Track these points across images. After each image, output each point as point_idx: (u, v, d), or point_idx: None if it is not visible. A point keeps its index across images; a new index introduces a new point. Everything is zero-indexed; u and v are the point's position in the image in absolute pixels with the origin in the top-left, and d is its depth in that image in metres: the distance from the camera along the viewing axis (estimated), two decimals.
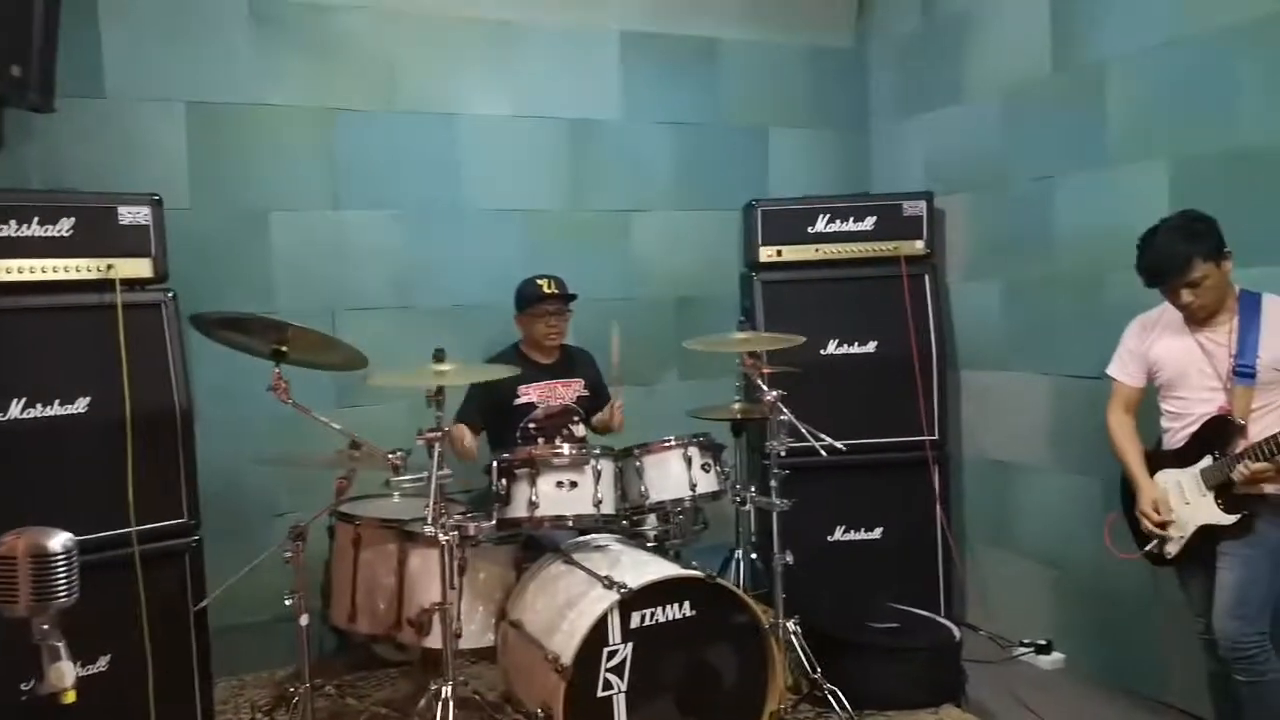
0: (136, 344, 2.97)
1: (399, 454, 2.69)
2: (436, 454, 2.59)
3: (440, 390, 2.67)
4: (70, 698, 1.59)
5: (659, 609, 2.68)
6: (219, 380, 3.49)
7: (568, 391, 3.63)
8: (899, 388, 4.14)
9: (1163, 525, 2.73)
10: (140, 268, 3.06)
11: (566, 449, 2.93)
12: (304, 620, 2.80)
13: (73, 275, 2.94)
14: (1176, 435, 2.78)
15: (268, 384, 2.74)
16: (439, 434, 2.63)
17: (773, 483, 3.11)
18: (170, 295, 3.11)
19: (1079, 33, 3.63)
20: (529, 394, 3.55)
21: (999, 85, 4.01)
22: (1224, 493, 2.63)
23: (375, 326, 3.84)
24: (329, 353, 2.91)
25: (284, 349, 2.75)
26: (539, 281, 3.60)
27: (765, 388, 3.06)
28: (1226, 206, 2.71)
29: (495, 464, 2.89)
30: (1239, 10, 3.04)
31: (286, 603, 2.77)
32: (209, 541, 3.16)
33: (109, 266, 2.98)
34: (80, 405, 2.93)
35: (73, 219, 2.95)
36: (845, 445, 3.02)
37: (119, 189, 3.15)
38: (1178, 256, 2.59)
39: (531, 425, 3.51)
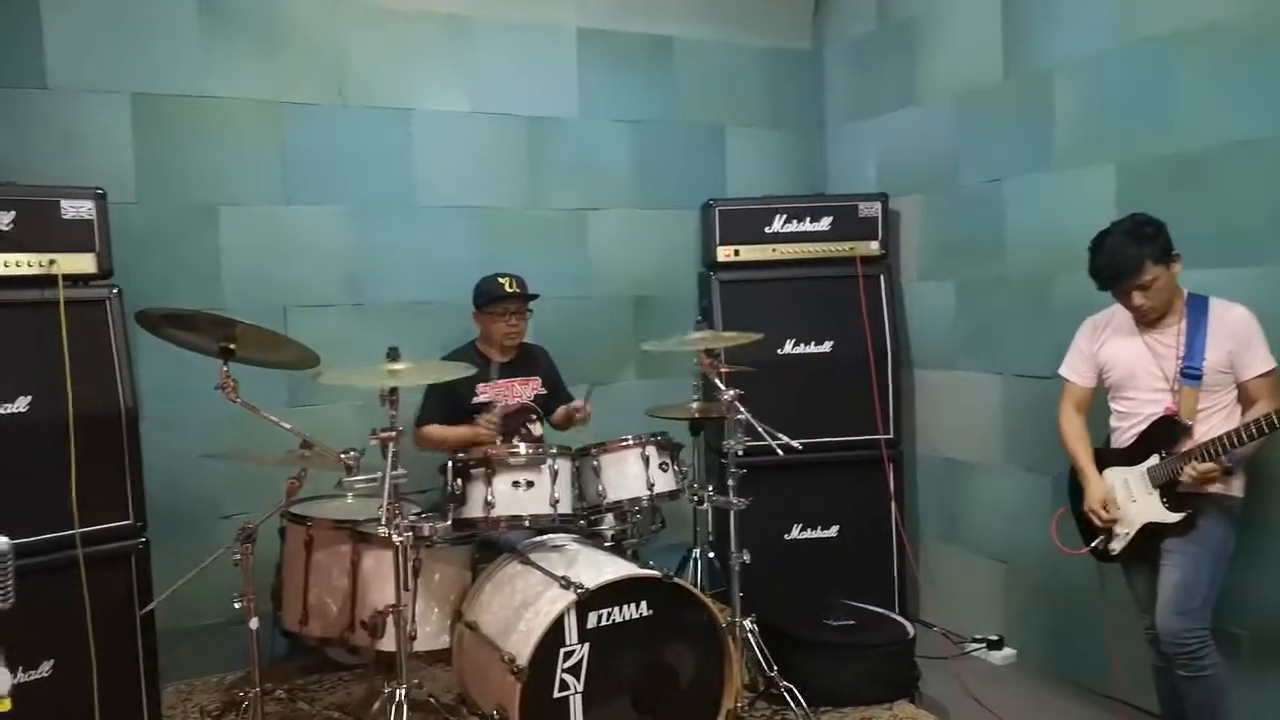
0: (80, 341, 2.89)
1: (352, 454, 2.64)
2: (391, 454, 2.56)
3: (394, 390, 2.63)
4: (5, 706, 1.53)
5: (616, 609, 2.67)
6: (166, 378, 3.42)
7: (525, 390, 3.60)
8: (855, 387, 4.18)
9: (1110, 522, 2.79)
10: (83, 263, 2.98)
11: (523, 448, 2.91)
12: (254, 624, 2.74)
13: (13, 270, 2.86)
14: (1125, 434, 2.83)
15: (216, 382, 2.69)
16: (393, 434, 2.59)
17: (730, 482, 3.12)
18: (115, 291, 3.03)
19: (1028, 40, 3.69)
20: (487, 393, 3.52)
21: (951, 89, 4.07)
22: (1169, 491, 2.69)
23: (328, 324, 3.78)
24: (279, 351, 2.86)
25: (232, 347, 2.69)
26: (500, 280, 3.56)
27: (723, 387, 3.07)
28: (1170, 209, 2.76)
29: (450, 464, 2.87)
30: (1179, 19, 3.12)
31: (236, 606, 2.71)
32: (155, 543, 3.08)
33: (51, 262, 2.90)
34: (21, 404, 2.84)
35: (13, 213, 2.86)
36: (802, 444, 3.03)
37: (61, 182, 3.07)
38: (1129, 260, 2.63)
39: None
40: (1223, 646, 2.71)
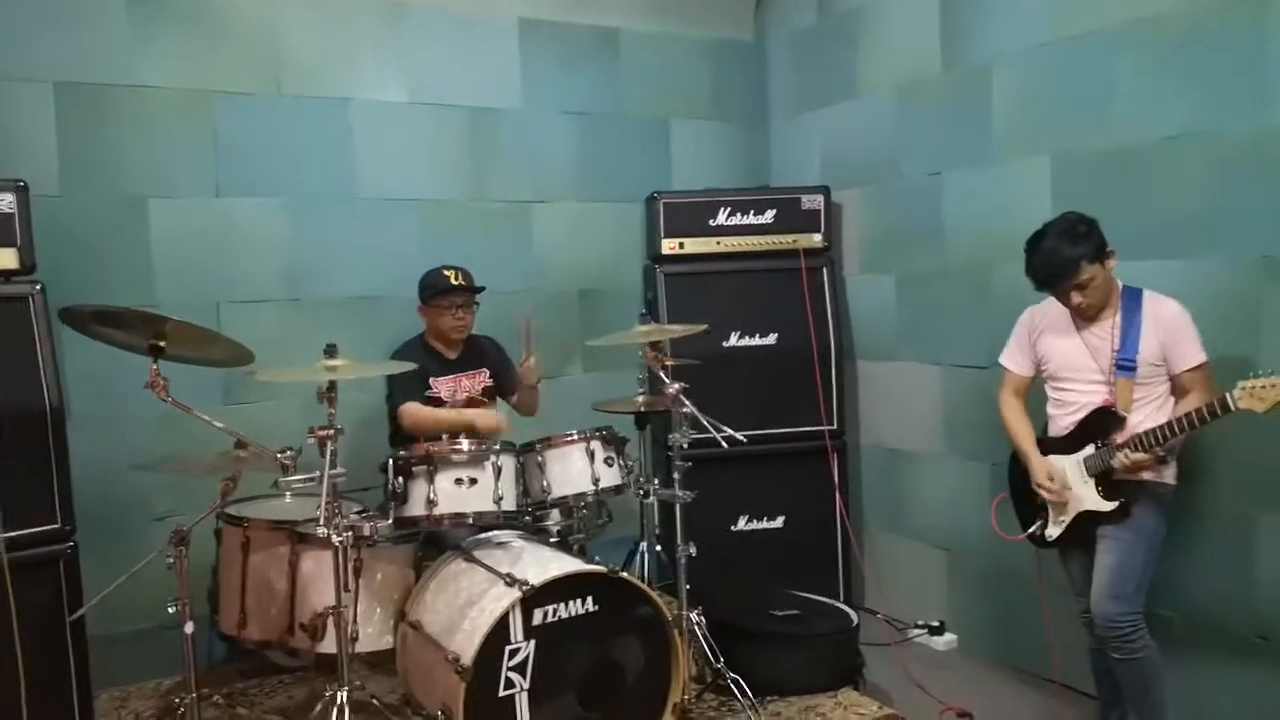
0: (2, 339, 2.80)
1: (289, 453, 2.58)
2: (329, 452, 2.51)
3: (332, 386, 2.58)
4: None
5: (562, 605, 2.65)
6: (94, 377, 3.31)
7: (473, 384, 3.55)
8: (799, 379, 4.21)
9: (1058, 494, 2.83)
10: (5, 258, 2.87)
11: (465, 444, 2.86)
12: (189, 628, 2.66)
13: None
14: (1061, 423, 2.89)
15: (145, 381, 2.60)
16: (331, 432, 2.54)
17: (676, 475, 3.12)
18: (38, 287, 2.92)
19: (966, 33, 3.74)
20: (438, 388, 3.46)
21: (892, 82, 4.11)
22: (1104, 480, 2.75)
23: (264, 320, 3.69)
24: (211, 348, 2.78)
25: (161, 344, 2.60)
26: (445, 272, 3.50)
27: (668, 380, 3.06)
28: (1105, 202, 2.83)
29: (391, 461, 2.82)
30: (1113, 13, 3.18)
31: (170, 610, 2.64)
32: (85, 547, 2.98)
33: None
34: None
35: None
36: (747, 436, 3.04)
37: None
38: (1065, 261, 2.68)
39: None
40: (1154, 629, 2.78)
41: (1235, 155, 2.89)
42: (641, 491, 3.17)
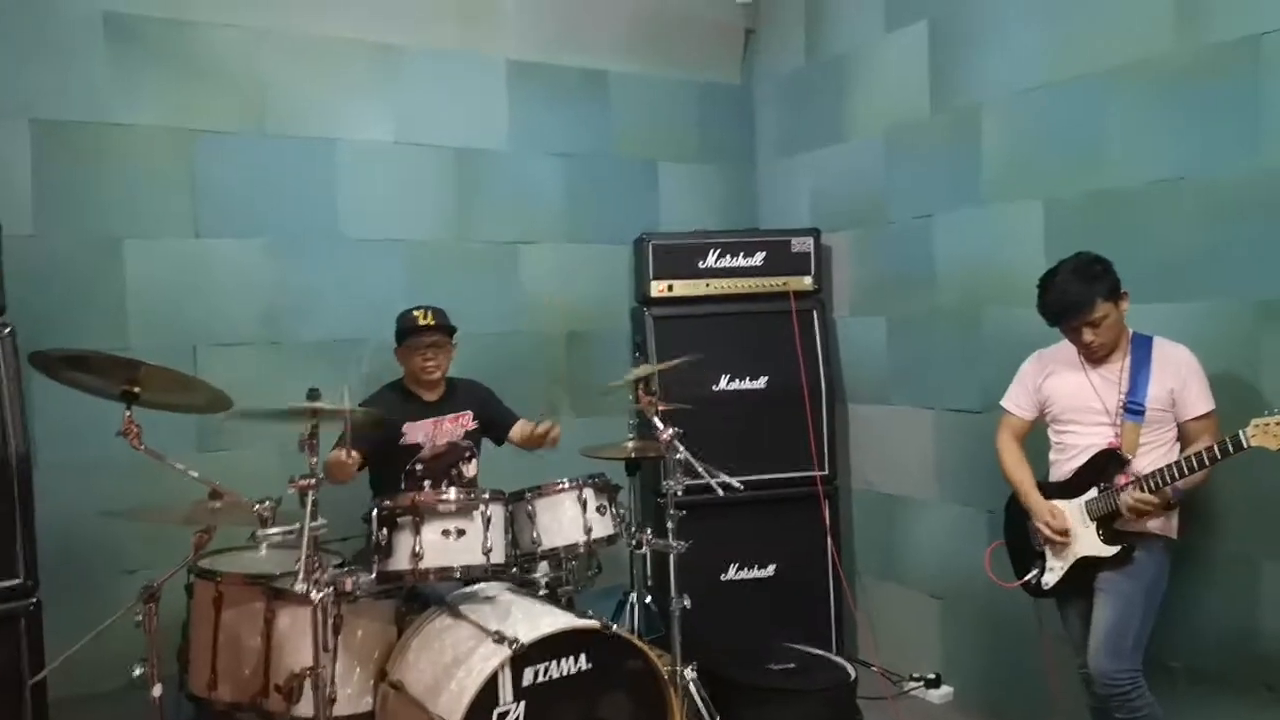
0: None
1: (267, 504, 2.46)
2: (310, 503, 2.39)
3: (315, 432, 2.47)
4: None
5: (553, 663, 2.54)
6: (64, 423, 3.18)
7: (455, 427, 3.44)
8: (790, 423, 4.14)
9: (1060, 532, 2.76)
10: None
11: (453, 494, 2.76)
12: (157, 691, 2.53)
13: None
14: (1063, 468, 2.83)
15: (118, 428, 2.49)
16: (313, 481, 2.43)
17: (669, 524, 3.02)
18: (7, 330, 2.81)
19: (955, 76, 3.74)
20: (414, 433, 3.35)
21: (880, 125, 4.10)
22: (1106, 525, 2.69)
23: (243, 363, 3.58)
24: (187, 393, 2.67)
25: (136, 390, 2.50)
26: (414, 313, 3.40)
27: (660, 425, 2.98)
28: (1098, 245, 2.79)
29: (376, 511, 2.71)
30: (1104, 58, 3.18)
31: (136, 673, 2.49)
32: (50, 603, 2.84)
33: None
34: None
35: None
36: (740, 482, 2.96)
37: None
38: (1080, 297, 2.65)
39: (418, 467, 3.31)
40: (1159, 680, 2.71)
41: (1228, 199, 2.88)
42: (634, 541, 3.07)
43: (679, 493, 3.02)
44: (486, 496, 2.77)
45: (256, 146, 3.68)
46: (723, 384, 4.15)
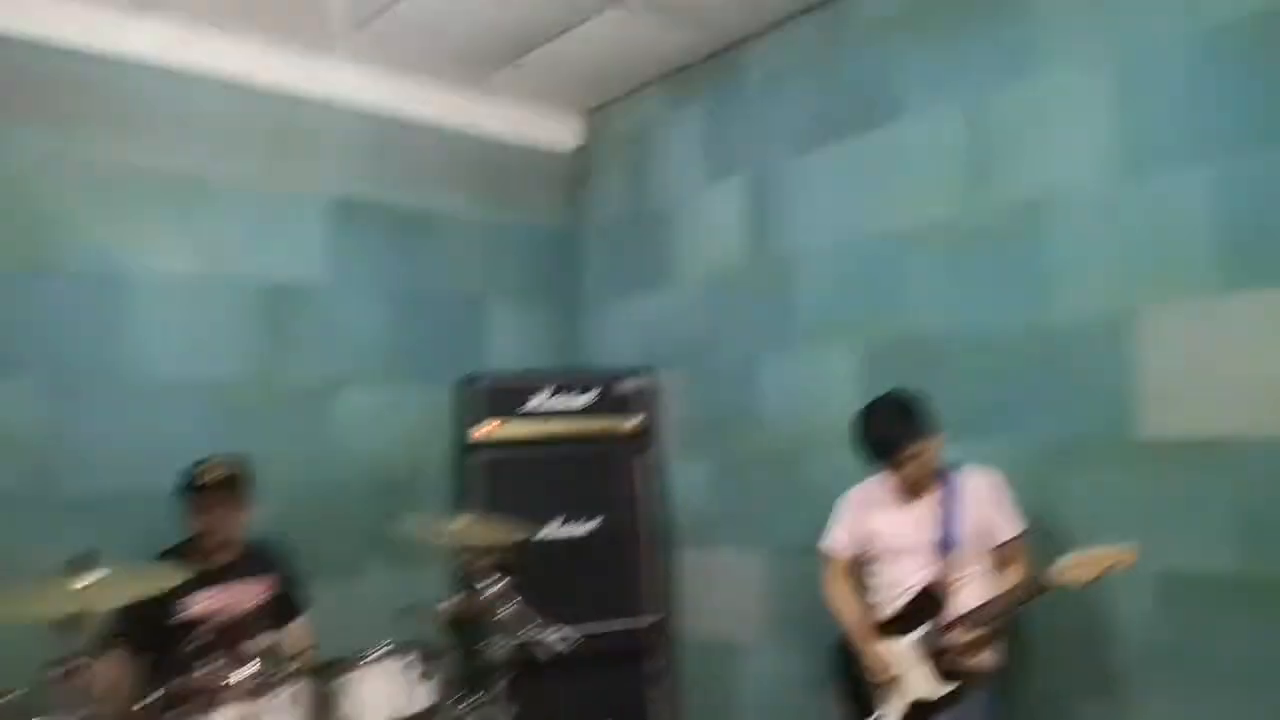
0: None
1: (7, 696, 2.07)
2: (70, 696, 2.04)
3: (79, 613, 2.13)
4: None
5: None
6: None
7: (246, 596, 3.06)
8: (620, 568, 4.04)
9: (891, 680, 2.74)
10: None
11: (246, 672, 2.43)
12: None
13: None
14: (888, 606, 2.85)
15: None
16: (77, 668, 2.08)
17: (494, 690, 2.80)
18: None
19: (771, 227, 3.92)
20: (200, 603, 2.95)
21: (702, 271, 4.22)
22: (936, 663, 2.70)
23: (2, 525, 3.13)
24: None
25: None
26: (199, 468, 3.06)
27: (485, 580, 2.79)
28: (907, 386, 2.91)
29: (152, 700, 2.35)
30: (905, 217, 3.43)
31: None
32: None
33: None
34: None
35: None
36: (569, 637, 2.81)
37: None
38: (898, 433, 2.73)
39: (204, 642, 2.89)
40: None
41: (1016, 348, 3.11)
42: (456, 715, 2.81)
43: (506, 653, 2.82)
44: (288, 671, 2.47)
45: (27, 280, 3.33)
46: (551, 530, 4.00)
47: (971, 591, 2.71)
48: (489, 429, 4.03)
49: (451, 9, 3.66)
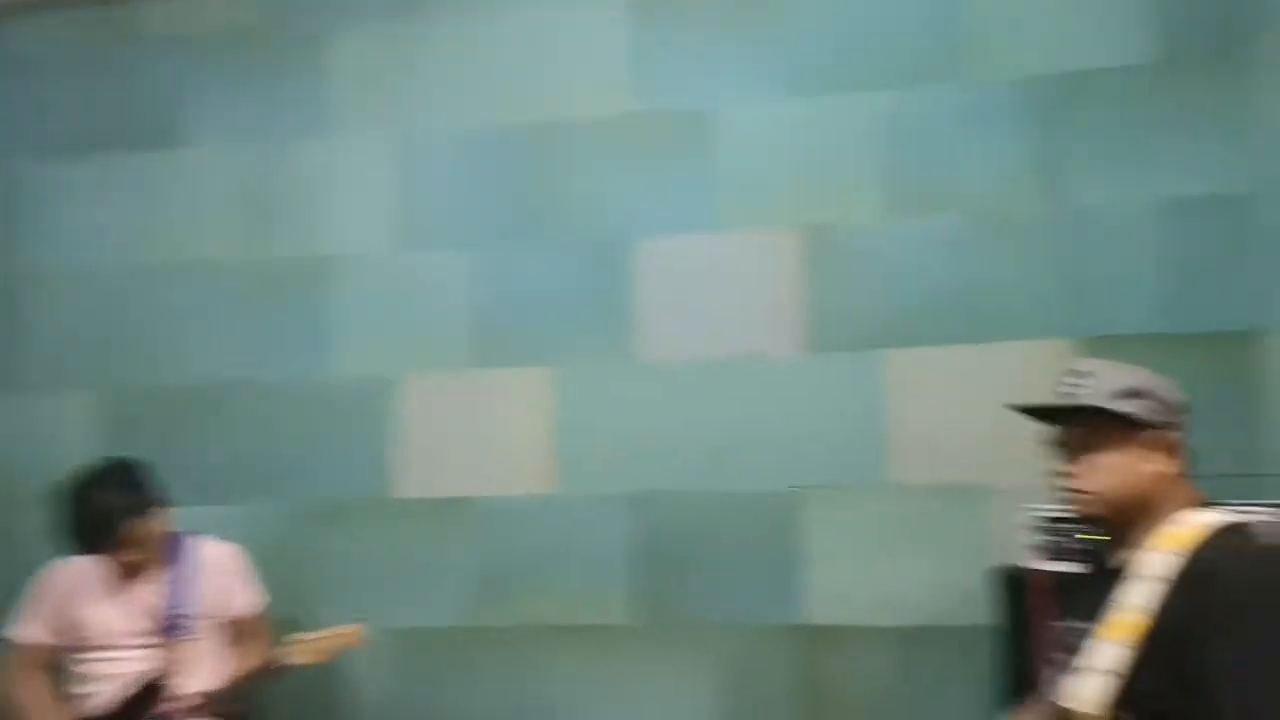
0: None
1: None
2: None
3: None
4: None
5: None
6: None
7: None
8: None
9: None
10: None
11: None
12: None
13: None
14: (99, 700, 2.38)
15: None
16: None
17: None
18: None
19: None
20: None
21: None
22: None
23: None
24: None
25: None
26: None
27: None
28: (161, 443, 2.69)
29: None
30: (177, 251, 3.14)
31: None
32: None
33: None
34: None
35: None
36: None
37: None
38: (116, 517, 2.29)
39: None
40: None
41: (287, 405, 3.03)
42: None
43: None
44: None
45: None
46: None
47: (204, 673, 2.41)
48: None
49: None
